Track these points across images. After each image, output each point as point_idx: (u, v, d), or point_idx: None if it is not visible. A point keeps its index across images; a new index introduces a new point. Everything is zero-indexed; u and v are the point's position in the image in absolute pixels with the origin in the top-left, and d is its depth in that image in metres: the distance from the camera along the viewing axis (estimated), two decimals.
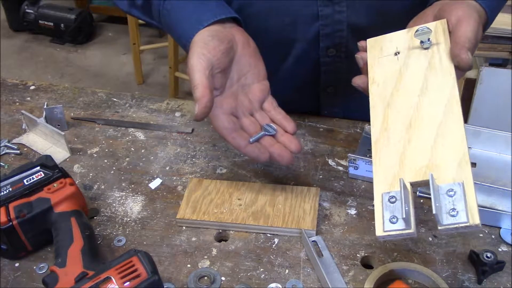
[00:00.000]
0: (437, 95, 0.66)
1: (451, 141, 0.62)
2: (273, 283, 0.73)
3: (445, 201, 0.58)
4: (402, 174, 0.62)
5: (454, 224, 0.56)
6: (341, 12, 0.89)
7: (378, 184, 0.63)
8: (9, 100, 1.09)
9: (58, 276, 0.67)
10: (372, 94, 0.71)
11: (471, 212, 0.56)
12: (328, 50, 0.94)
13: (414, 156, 0.63)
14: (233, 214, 0.81)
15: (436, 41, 0.70)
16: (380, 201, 0.61)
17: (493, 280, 0.73)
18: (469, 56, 0.66)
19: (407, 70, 0.70)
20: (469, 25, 0.68)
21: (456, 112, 0.64)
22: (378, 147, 0.66)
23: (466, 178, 0.59)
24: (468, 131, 0.88)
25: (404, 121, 0.66)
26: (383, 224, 0.60)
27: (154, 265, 0.65)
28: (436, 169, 0.60)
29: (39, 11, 3.43)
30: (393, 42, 0.74)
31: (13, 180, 0.77)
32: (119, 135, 1.00)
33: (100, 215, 0.84)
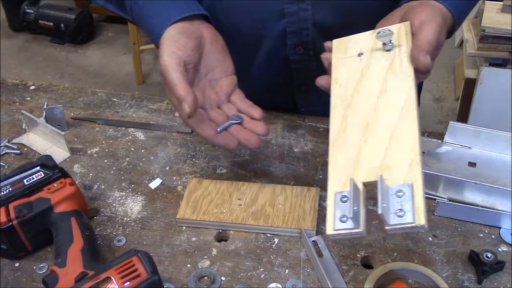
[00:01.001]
0: (395, 97, 0.66)
1: (405, 143, 0.62)
2: (273, 283, 0.73)
3: (393, 201, 0.58)
4: (355, 174, 0.62)
5: (401, 224, 0.57)
6: (306, 10, 0.90)
7: (332, 184, 0.63)
8: (9, 100, 1.09)
9: (58, 276, 0.67)
10: (334, 94, 0.71)
11: (418, 213, 0.57)
12: (296, 47, 0.95)
13: (368, 157, 0.63)
14: (233, 214, 0.81)
15: (399, 43, 0.70)
16: (332, 200, 0.62)
17: (493, 280, 0.73)
18: (428, 60, 0.66)
19: (368, 71, 0.71)
20: (431, 28, 0.68)
21: (411, 115, 0.64)
22: (335, 147, 0.66)
23: (416, 179, 0.59)
24: (468, 131, 0.88)
25: (362, 122, 0.66)
26: (333, 222, 0.60)
27: (154, 265, 0.65)
28: (387, 170, 0.61)
29: (39, 11, 3.43)
30: (357, 43, 0.74)
31: (13, 180, 0.77)
32: (119, 135, 1.00)
33: (100, 215, 0.84)
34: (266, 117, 1.03)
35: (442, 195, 0.84)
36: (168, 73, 0.75)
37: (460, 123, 0.89)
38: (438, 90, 2.89)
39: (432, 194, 0.85)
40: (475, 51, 2.06)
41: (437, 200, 0.82)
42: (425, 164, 0.86)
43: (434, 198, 0.84)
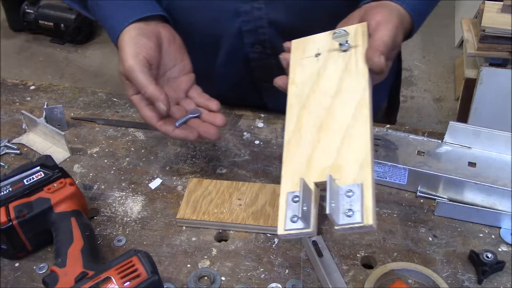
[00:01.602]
0: (349, 97, 0.67)
1: (356, 143, 0.62)
2: (273, 283, 0.73)
3: (343, 201, 0.58)
4: (308, 174, 0.62)
5: (349, 224, 0.57)
6: (260, 9, 0.90)
7: (284, 184, 0.64)
8: (9, 100, 1.09)
9: (58, 276, 0.67)
10: (290, 94, 0.71)
11: (366, 213, 0.57)
12: (254, 46, 0.96)
13: (321, 157, 0.63)
14: (233, 214, 0.81)
15: (355, 44, 0.71)
16: (284, 200, 0.62)
17: (493, 280, 0.73)
18: (382, 60, 0.67)
19: (324, 72, 0.71)
20: (387, 29, 0.69)
21: (364, 115, 0.64)
22: (289, 147, 0.66)
23: (366, 179, 0.59)
24: (468, 131, 0.88)
25: (316, 122, 0.67)
26: (284, 222, 0.60)
27: (154, 265, 0.66)
28: (338, 170, 0.61)
29: (39, 11, 3.42)
30: (315, 43, 0.74)
31: (13, 180, 0.77)
32: (119, 135, 1.00)
33: (100, 215, 0.84)
34: (266, 117, 1.04)
35: (442, 195, 0.84)
36: (135, 74, 0.77)
37: (460, 123, 0.89)
38: (438, 90, 2.89)
39: (432, 194, 0.85)
40: (475, 51, 2.06)
41: (437, 200, 0.82)
42: (425, 164, 0.86)
43: (434, 198, 0.84)
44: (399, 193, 0.87)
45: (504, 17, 1.99)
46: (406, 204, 0.85)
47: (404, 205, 0.85)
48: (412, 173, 0.84)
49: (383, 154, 0.89)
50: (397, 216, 0.83)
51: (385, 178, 0.87)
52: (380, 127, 0.96)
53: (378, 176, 0.87)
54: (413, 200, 0.85)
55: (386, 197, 0.86)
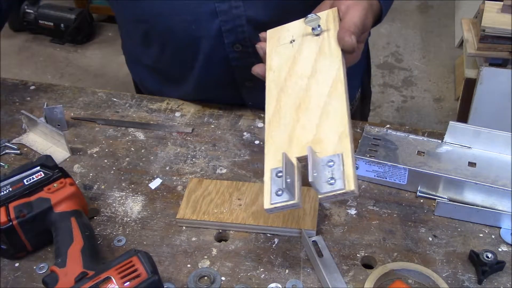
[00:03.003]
0: (324, 77, 0.70)
1: (334, 118, 0.66)
2: (273, 283, 0.73)
3: (325, 171, 0.61)
4: (290, 150, 0.65)
5: (332, 192, 0.60)
6: (238, 7, 0.90)
7: (268, 161, 0.67)
8: (9, 100, 1.09)
9: (58, 276, 0.67)
10: (268, 80, 0.75)
11: (347, 180, 0.60)
12: (234, 45, 0.96)
13: (301, 133, 0.67)
14: (233, 214, 0.81)
15: (327, 28, 0.75)
16: (269, 177, 0.65)
17: (493, 280, 0.73)
18: (353, 39, 0.71)
19: (300, 56, 0.75)
20: (357, 11, 0.73)
21: (339, 91, 0.68)
22: (271, 128, 0.70)
23: (345, 149, 0.62)
24: (468, 131, 0.88)
25: (294, 102, 0.70)
26: (270, 197, 0.63)
27: (154, 265, 0.66)
28: (319, 143, 0.64)
29: (39, 11, 3.42)
30: (289, 31, 0.78)
31: (13, 180, 0.77)
32: (119, 135, 1.00)
33: (100, 215, 0.84)
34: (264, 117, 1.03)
35: (442, 195, 0.84)
36: None
37: (460, 123, 0.89)
38: (438, 90, 2.89)
39: (432, 194, 0.85)
40: (475, 51, 2.06)
41: (437, 200, 0.82)
42: (425, 164, 0.86)
43: (434, 198, 0.84)
44: (399, 193, 0.87)
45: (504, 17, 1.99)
46: (406, 204, 0.85)
47: (404, 205, 0.85)
48: (412, 173, 0.84)
49: (383, 154, 0.89)
50: (397, 216, 0.83)
51: (385, 178, 0.87)
52: (380, 127, 0.96)
53: (378, 176, 0.87)
54: (413, 200, 0.85)
55: (386, 197, 0.86)
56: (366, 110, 1.30)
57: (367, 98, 1.28)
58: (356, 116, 1.19)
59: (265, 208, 0.63)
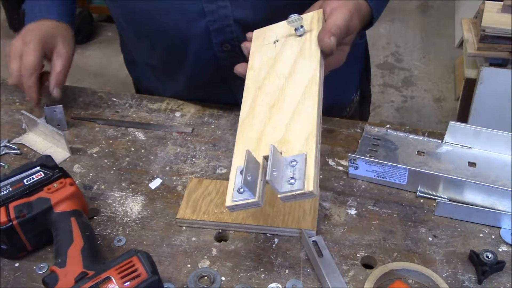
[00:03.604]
0: (300, 77, 0.70)
1: (304, 118, 0.66)
2: (273, 283, 0.73)
3: (287, 171, 0.61)
4: (258, 149, 0.65)
5: (291, 192, 0.59)
6: (225, 7, 0.91)
7: (236, 159, 0.67)
8: (9, 100, 1.09)
9: (58, 276, 0.67)
10: (248, 78, 0.75)
11: (307, 180, 0.59)
12: (223, 45, 0.96)
13: (271, 133, 0.67)
14: (233, 214, 0.81)
15: (310, 29, 0.75)
16: (234, 174, 0.65)
17: (493, 280, 0.73)
18: (331, 41, 0.71)
19: (281, 56, 0.75)
20: (341, 13, 0.73)
21: (313, 92, 0.68)
22: (243, 126, 0.70)
23: (310, 150, 0.62)
24: (468, 131, 0.88)
25: (269, 102, 0.70)
26: (232, 194, 0.63)
27: (154, 265, 0.65)
28: (286, 143, 0.64)
29: None
30: (275, 31, 0.79)
31: (13, 180, 0.77)
32: (119, 135, 1.00)
33: (100, 215, 0.84)
34: None
35: (442, 195, 0.84)
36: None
37: (460, 123, 0.89)
38: (438, 90, 2.89)
39: (432, 194, 0.85)
40: (475, 51, 2.06)
41: (437, 200, 0.82)
42: (425, 164, 0.86)
43: (434, 198, 0.84)
44: (399, 193, 0.87)
45: (504, 17, 1.99)
46: (406, 204, 0.85)
47: (404, 205, 0.85)
48: (412, 173, 0.84)
49: (383, 154, 0.89)
50: (397, 216, 0.83)
51: (385, 178, 0.87)
52: (380, 127, 0.96)
53: (378, 176, 0.87)
54: (413, 200, 0.85)
55: (386, 197, 0.86)
56: (365, 112, 1.30)
57: (366, 101, 1.28)
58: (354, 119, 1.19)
59: (226, 205, 0.63)
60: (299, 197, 0.60)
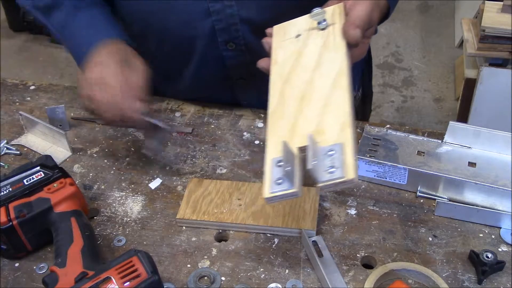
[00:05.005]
0: (328, 69, 0.71)
1: (336, 109, 0.66)
2: (273, 283, 0.73)
3: (325, 160, 0.61)
4: (292, 141, 0.65)
5: (331, 180, 0.60)
6: (231, 6, 0.91)
7: (269, 152, 0.67)
8: (9, 100, 1.09)
9: (58, 276, 0.67)
10: (273, 73, 0.76)
11: (347, 168, 0.60)
12: (228, 44, 0.96)
13: (303, 124, 0.67)
14: (233, 214, 0.81)
15: (332, 22, 0.75)
16: (269, 166, 0.65)
17: (493, 280, 0.73)
18: (357, 33, 0.71)
19: (305, 50, 0.75)
20: (362, 6, 0.74)
21: (343, 83, 0.69)
22: (273, 118, 0.70)
23: (346, 139, 0.62)
24: (468, 131, 0.88)
25: (298, 94, 0.71)
26: (270, 186, 0.63)
27: (154, 265, 0.66)
28: (321, 133, 0.65)
29: None
30: (295, 26, 0.79)
31: (13, 180, 0.77)
32: (119, 135, 1.00)
33: (100, 215, 0.84)
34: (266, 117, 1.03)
35: (442, 195, 0.84)
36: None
37: (460, 123, 0.89)
38: (438, 90, 2.89)
39: (432, 194, 0.85)
40: (475, 51, 2.06)
41: (437, 200, 0.82)
42: (425, 164, 0.86)
43: (434, 198, 0.84)
44: (399, 193, 0.87)
45: (504, 17, 1.99)
46: (406, 204, 0.85)
47: (404, 205, 0.85)
48: (412, 173, 0.84)
49: (383, 154, 0.89)
50: (397, 216, 0.83)
51: (385, 178, 0.87)
52: (380, 127, 0.95)
53: (378, 176, 0.87)
54: (413, 200, 0.85)
55: (386, 197, 0.86)
56: (367, 110, 1.31)
57: (368, 98, 1.28)
58: (357, 117, 1.19)
59: (264, 197, 0.63)
60: (340, 185, 0.60)
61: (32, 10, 0.97)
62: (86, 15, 0.93)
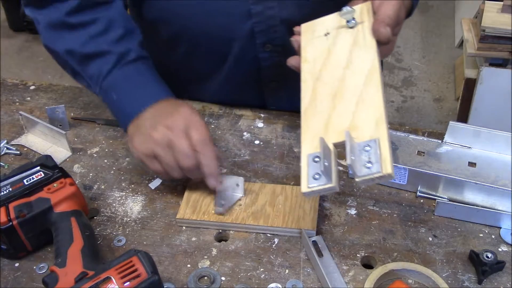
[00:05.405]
0: (359, 66, 0.72)
1: (370, 105, 0.67)
2: (273, 283, 0.73)
3: (362, 155, 0.63)
4: (326, 137, 0.67)
5: (369, 175, 0.61)
6: (272, 8, 0.91)
7: (305, 148, 0.68)
8: (9, 100, 1.09)
9: (58, 276, 0.67)
10: (303, 71, 0.77)
11: (384, 163, 0.61)
12: (265, 45, 0.96)
13: (337, 120, 0.68)
14: (233, 214, 0.81)
15: (361, 20, 0.76)
16: (306, 162, 0.66)
17: (493, 280, 0.73)
18: (388, 30, 0.73)
19: (335, 48, 0.76)
20: (391, 5, 0.75)
21: (375, 80, 0.70)
22: (307, 115, 0.72)
23: (382, 135, 0.64)
24: (468, 131, 0.88)
25: (330, 92, 0.72)
26: (307, 181, 0.65)
27: (154, 265, 0.65)
28: (355, 129, 0.66)
29: None
30: (324, 24, 0.80)
31: (13, 180, 0.77)
32: (119, 135, 1.00)
33: (100, 215, 0.84)
34: (266, 117, 1.04)
35: (442, 195, 0.84)
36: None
37: (460, 123, 0.89)
38: (438, 90, 2.89)
39: (432, 194, 0.85)
40: (475, 51, 2.06)
41: (437, 200, 0.82)
42: (425, 164, 0.86)
43: (434, 198, 0.84)
44: (399, 193, 0.87)
45: (504, 17, 2.00)
46: (406, 204, 0.85)
47: (404, 205, 0.85)
48: (412, 173, 0.84)
49: None
50: (397, 216, 0.83)
51: None
52: None
53: None
54: (413, 200, 0.85)
55: (386, 197, 0.86)
56: None
57: None
58: None
59: (303, 191, 0.65)
60: (377, 180, 0.62)
61: (65, 56, 0.90)
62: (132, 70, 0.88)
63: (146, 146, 0.80)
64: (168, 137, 0.78)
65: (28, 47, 3.49)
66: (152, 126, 0.80)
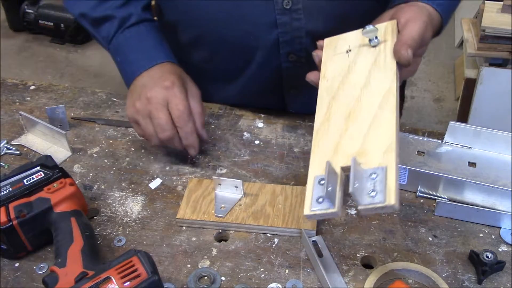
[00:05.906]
0: (377, 88, 0.70)
1: (382, 130, 0.66)
2: (273, 283, 0.73)
3: (367, 183, 0.61)
4: (335, 160, 0.65)
5: (371, 204, 0.60)
6: (299, 19, 0.90)
7: (312, 169, 0.67)
8: (9, 100, 1.09)
9: (58, 276, 0.67)
10: (321, 88, 0.75)
11: (389, 194, 0.59)
12: (289, 55, 0.96)
13: (348, 143, 0.67)
14: (233, 214, 0.81)
15: (384, 40, 0.74)
16: (311, 183, 0.65)
17: (493, 280, 0.73)
18: (409, 53, 0.70)
19: (355, 66, 0.74)
20: (416, 25, 0.72)
21: (391, 104, 0.68)
22: (319, 135, 0.70)
23: (390, 163, 0.62)
24: (468, 131, 0.88)
25: (345, 112, 0.70)
26: (310, 204, 0.64)
27: (154, 265, 0.65)
28: (364, 155, 0.64)
29: (39, 11, 3.42)
30: (346, 41, 0.78)
31: (13, 180, 0.77)
32: (119, 135, 1.00)
33: (100, 215, 0.84)
34: (266, 117, 1.04)
35: (442, 195, 0.84)
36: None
37: (460, 123, 0.89)
38: (438, 90, 2.89)
39: (432, 194, 0.85)
40: (475, 51, 2.06)
41: (437, 200, 0.82)
42: (425, 164, 0.86)
43: (434, 198, 0.84)
44: (399, 193, 0.86)
45: (504, 17, 1.99)
46: (406, 204, 0.85)
47: (404, 205, 0.85)
48: (412, 173, 0.84)
49: None
50: (397, 216, 0.83)
51: None
52: None
53: None
54: (413, 200, 0.85)
55: None
56: None
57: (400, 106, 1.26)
58: None
59: (305, 214, 0.64)
60: (380, 210, 0.60)
61: (80, 19, 0.98)
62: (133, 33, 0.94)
63: (131, 111, 0.87)
64: (148, 108, 0.84)
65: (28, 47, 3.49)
66: (138, 94, 0.86)
